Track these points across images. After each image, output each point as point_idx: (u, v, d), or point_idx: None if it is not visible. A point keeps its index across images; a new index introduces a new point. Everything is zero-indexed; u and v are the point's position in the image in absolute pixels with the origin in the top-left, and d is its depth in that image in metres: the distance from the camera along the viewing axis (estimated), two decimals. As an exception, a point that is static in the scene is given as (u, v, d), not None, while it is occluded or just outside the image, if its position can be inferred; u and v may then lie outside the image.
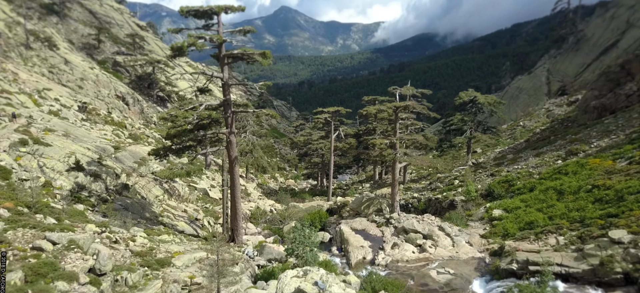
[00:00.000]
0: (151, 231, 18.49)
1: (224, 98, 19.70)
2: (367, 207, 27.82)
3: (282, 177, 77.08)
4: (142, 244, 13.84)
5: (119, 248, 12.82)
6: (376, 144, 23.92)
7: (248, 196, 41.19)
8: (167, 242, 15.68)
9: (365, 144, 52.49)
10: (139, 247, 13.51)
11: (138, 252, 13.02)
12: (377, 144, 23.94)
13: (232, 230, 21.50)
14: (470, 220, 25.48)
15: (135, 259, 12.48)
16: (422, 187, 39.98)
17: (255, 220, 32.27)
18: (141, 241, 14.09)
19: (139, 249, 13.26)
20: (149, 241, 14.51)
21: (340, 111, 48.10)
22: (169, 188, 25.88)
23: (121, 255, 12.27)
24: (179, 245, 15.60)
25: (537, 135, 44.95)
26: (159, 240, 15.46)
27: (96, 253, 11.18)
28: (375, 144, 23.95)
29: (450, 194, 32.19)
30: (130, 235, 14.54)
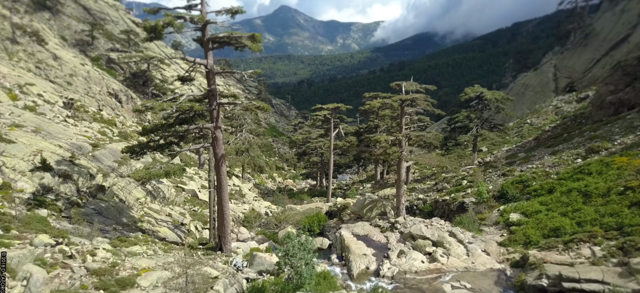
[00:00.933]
0: (124, 240, 16.14)
1: (209, 88, 17.35)
2: (369, 210, 25.49)
3: (281, 177, 74.80)
4: (103, 259, 11.53)
5: (72, 265, 10.52)
6: (380, 141, 21.58)
7: (242, 197, 38.85)
8: (137, 254, 13.35)
9: (367, 141, 50.19)
10: (98, 263, 11.20)
11: (96, 269, 10.71)
12: (381, 141, 21.61)
13: (219, 236, 19.14)
14: (483, 225, 23.12)
15: (90, 279, 10.17)
16: (427, 188, 37.65)
17: (249, 223, 29.93)
18: (103, 255, 11.77)
19: (97, 266, 10.95)
20: (112, 254, 12.20)
21: (340, 108, 45.77)
22: (152, 189, 23.56)
23: (70, 275, 9.95)
24: (151, 258, 13.28)
25: (548, 133, 42.59)
26: (127, 253, 13.14)
27: (28, 277, 8.87)
28: (379, 141, 21.61)
29: (459, 196, 29.84)
30: (91, 248, 12.22)
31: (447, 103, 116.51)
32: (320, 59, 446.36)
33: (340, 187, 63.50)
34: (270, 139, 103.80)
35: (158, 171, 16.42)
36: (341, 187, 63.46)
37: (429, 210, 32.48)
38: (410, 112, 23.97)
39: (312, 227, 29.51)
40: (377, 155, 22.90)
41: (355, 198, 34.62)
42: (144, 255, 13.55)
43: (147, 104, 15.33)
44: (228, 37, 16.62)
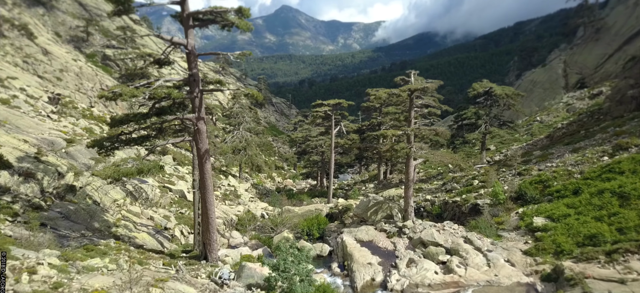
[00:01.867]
0: (91, 249, 13.76)
1: (190, 72, 14.99)
2: (374, 213, 23.05)
3: (280, 176, 72.40)
4: (44, 278, 9.17)
5: (-1, 287, 8.18)
6: (387, 136, 19.17)
7: (238, 198, 36.46)
8: (94, 269, 10.95)
9: (370, 138, 47.73)
10: (36, 284, 8.84)
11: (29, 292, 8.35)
12: (388, 136, 19.19)
13: (203, 244, 16.74)
14: (501, 230, 20.66)
15: (18, 307, 7.85)
16: (434, 188, 35.18)
17: (243, 227, 27.52)
18: (46, 272, 9.40)
19: (33, 288, 8.58)
20: (59, 271, 9.81)
21: (342, 104, 43.31)
22: (133, 190, 21.20)
23: (-13, 303, 7.63)
24: (110, 274, 10.88)
25: (562, 130, 40.12)
26: (81, 268, 10.74)
27: None
28: (386, 136, 19.20)
29: (471, 197, 27.38)
30: (34, 263, 9.86)
31: (450, 101, 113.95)
32: (322, 59, 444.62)
33: (342, 187, 61.11)
34: (270, 138, 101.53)
35: (129, 169, 14.03)
36: (342, 187, 61.08)
37: (437, 212, 30.04)
38: (420, 104, 21.53)
39: (311, 230, 27.11)
40: (383, 152, 20.53)
41: (357, 200, 32.20)
42: (103, 270, 11.15)
43: (115, 90, 12.95)
44: (211, 13, 14.24)
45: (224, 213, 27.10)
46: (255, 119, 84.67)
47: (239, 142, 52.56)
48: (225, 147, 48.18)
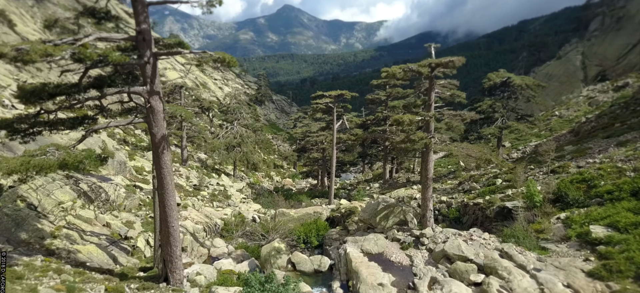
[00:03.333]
0: None
1: (137, 28, 11.00)
2: (384, 218, 18.94)
3: (279, 175, 68.31)
4: None
5: None
6: (403, 122, 15.05)
7: (227, 199, 32.42)
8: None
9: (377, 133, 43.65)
10: None
11: None
12: (404, 122, 15.07)
13: (163, 261, 12.69)
14: (544, 241, 16.53)
15: None
16: (449, 188, 31.06)
17: (229, 233, 23.46)
18: None
19: None
20: None
21: (345, 95, 39.19)
22: (89, 189, 17.20)
23: None
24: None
25: (591, 124, 35.96)
26: None
27: None
28: (402, 122, 15.08)
29: (496, 198, 23.23)
30: None
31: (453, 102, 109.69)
32: (324, 58, 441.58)
33: (344, 187, 57.07)
34: (270, 135, 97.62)
35: (47, 160, 10.00)
36: (345, 187, 57.04)
37: (455, 216, 25.92)
38: (443, 83, 17.40)
39: (308, 238, 23.01)
40: (396, 143, 16.40)
41: (362, 202, 28.10)
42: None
43: (22, 47, 8.99)
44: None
45: (207, 217, 23.06)
46: (255, 116, 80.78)
47: (233, 138, 48.55)
48: (216, 143, 44.17)
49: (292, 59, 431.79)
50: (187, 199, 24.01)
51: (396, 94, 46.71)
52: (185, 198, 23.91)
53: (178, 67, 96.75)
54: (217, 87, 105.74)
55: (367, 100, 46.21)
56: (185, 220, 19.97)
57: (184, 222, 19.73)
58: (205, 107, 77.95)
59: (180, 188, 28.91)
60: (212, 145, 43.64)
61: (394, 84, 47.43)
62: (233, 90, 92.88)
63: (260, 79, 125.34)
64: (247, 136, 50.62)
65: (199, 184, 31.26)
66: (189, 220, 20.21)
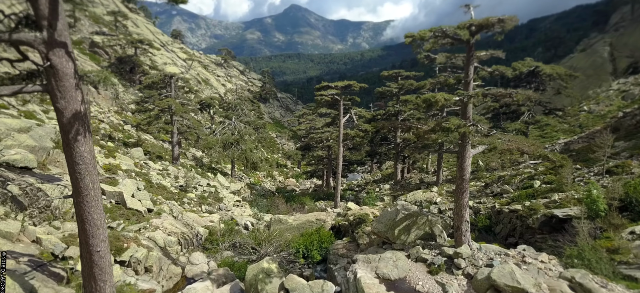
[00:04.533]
0: None
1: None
2: (405, 230, 14.76)
3: (282, 175, 64.38)
4: None
5: None
6: (437, 102, 10.87)
7: (218, 202, 28.37)
8: None
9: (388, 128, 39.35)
10: None
11: None
12: (439, 102, 10.88)
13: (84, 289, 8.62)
14: (625, 266, 12.26)
15: None
16: (475, 191, 26.73)
17: (214, 245, 19.40)
18: None
19: None
20: None
21: (353, 86, 35.06)
22: (21, 193, 13.25)
23: None
24: None
25: (636, 118, 31.43)
26: None
27: None
28: (435, 103, 10.90)
29: (538, 204, 18.96)
30: None
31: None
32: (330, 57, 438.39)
33: (351, 188, 52.92)
34: (274, 134, 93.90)
35: None
36: (352, 188, 52.89)
37: (485, 224, 21.70)
38: (484, 56, 13.20)
39: (309, 251, 18.88)
40: (422, 133, 12.21)
41: (374, 207, 23.91)
42: None
43: None
44: None
45: (187, 225, 19.01)
46: (258, 113, 76.89)
47: (230, 134, 44.59)
48: (211, 140, 40.20)
49: (298, 59, 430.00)
50: (163, 204, 19.98)
51: (409, 86, 42.47)
52: (161, 204, 19.87)
53: (179, 63, 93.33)
54: (219, 84, 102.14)
55: (377, 93, 41.99)
56: (155, 231, 15.94)
57: (152, 234, 15.70)
58: (206, 104, 74.23)
59: (163, 189, 24.93)
60: (207, 141, 39.70)
61: (406, 76, 43.22)
62: (235, 86, 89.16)
63: (265, 75, 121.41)
64: (246, 133, 46.65)
65: (186, 185, 27.29)
66: (159, 230, 16.18)
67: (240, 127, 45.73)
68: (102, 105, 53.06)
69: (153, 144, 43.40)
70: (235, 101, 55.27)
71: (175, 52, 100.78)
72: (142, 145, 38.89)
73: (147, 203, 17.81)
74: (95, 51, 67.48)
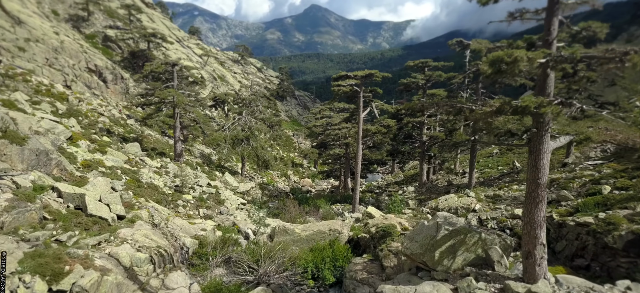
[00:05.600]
0: None
1: None
2: (449, 253, 10.69)
3: (297, 175, 60.71)
4: None
5: None
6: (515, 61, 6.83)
7: (219, 205, 24.74)
8: None
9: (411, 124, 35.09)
10: None
11: None
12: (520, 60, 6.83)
13: None
14: None
15: None
16: (514, 196, 22.24)
17: (202, 260, 15.65)
18: None
19: None
20: None
21: (374, 76, 31.06)
22: None
23: None
24: None
25: None
26: None
27: None
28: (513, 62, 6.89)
29: (620, 218, 14.55)
30: None
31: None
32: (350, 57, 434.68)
33: (371, 190, 48.81)
34: (291, 132, 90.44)
35: None
36: (371, 190, 48.78)
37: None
38: (574, 4, 9.05)
39: (320, 271, 14.97)
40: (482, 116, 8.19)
41: (401, 216, 19.79)
42: None
43: None
44: None
45: (169, 236, 15.35)
46: (274, 110, 73.47)
47: (240, 130, 41.10)
48: (217, 135, 36.68)
49: (318, 59, 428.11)
50: (143, 208, 16.34)
51: (436, 78, 38.15)
52: (139, 208, 16.22)
53: (195, 59, 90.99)
54: (236, 81, 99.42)
55: (401, 84, 37.78)
56: (120, 246, 12.30)
57: (115, 249, 12.06)
58: (221, 100, 71.05)
59: (154, 190, 21.43)
60: (212, 137, 36.23)
61: (434, 67, 38.87)
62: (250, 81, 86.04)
63: (282, 72, 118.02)
64: (257, 129, 43.09)
65: (182, 185, 23.74)
66: (127, 244, 12.53)
67: (251, 122, 42.19)
68: (110, 99, 50.48)
69: (157, 140, 40.32)
70: (249, 97, 51.98)
71: (191, 48, 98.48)
72: (143, 140, 35.79)
73: (118, 208, 14.19)
74: (108, 45, 65.44)
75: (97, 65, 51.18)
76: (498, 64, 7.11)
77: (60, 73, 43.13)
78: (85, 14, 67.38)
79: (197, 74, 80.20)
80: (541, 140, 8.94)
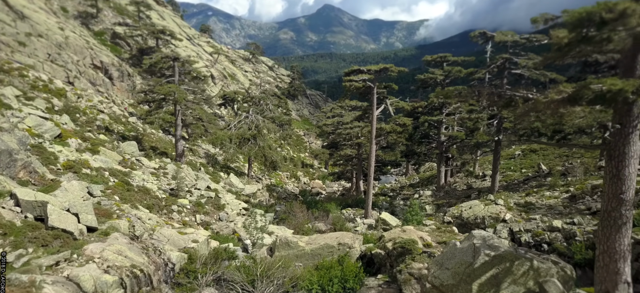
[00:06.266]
0: None
1: None
2: (490, 285, 8.28)
3: (307, 176, 58.45)
4: None
5: None
6: (627, 13, 4.46)
7: (219, 210, 22.56)
8: None
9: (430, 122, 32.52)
10: None
11: None
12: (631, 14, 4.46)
13: None
14: None
15: None
16: (559, 205, 19.54)
17: (190, 278, 13.43)
18: None
19: None
20: None
21: (390, 70, 28.57)
22: None
23: None
24: None
25: None
26: None
27: None
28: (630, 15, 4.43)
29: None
30: None
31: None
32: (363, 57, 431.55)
33: (384, 193, 46.29)
34: (302, 132, 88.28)
35: None
36: (385, 193, 46.25)
37: (585, 257, 14.77)
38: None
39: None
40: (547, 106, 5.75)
41: (421, 228, 17.28)
42: None
43: None
44: None
45: (150, 251, 13.16)
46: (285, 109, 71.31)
47: (247, 129, 38.98)
48: (219, 134, 34.57)
49: (330, 58, 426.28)
50: (122, 217, 14.17)
51: (456, 74, 35.51)
52: (118, 217, 14.06)
53: (205, 57, 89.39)
54: (246, 80, 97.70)
55: (418, 80, 35.23)
56: (83, 266, 10.12)
57: (76, 271, 9.89)
58: (230, 98, 69.15)
59: (145, 194, 19.33)
60: (216, 136, 34.14)
61: (453, 62, 36.21)
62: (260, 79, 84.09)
63: (293, 71, 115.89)
64: (265, 127, 40.93)
65: (177, 189, 21.61)
66: (93, 263, 10.34)
67: (258, 121, 40.03)
68: (115, 96, 48.92)
69: (160, 139, 38.46)
70: (259, 95, 49.90)
71: (202, 46, 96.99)
72: (143, 139, 33.93)
73: (88, 218, 12.02)
74: (117, 42, 64.15)
75: (103, 62, 49.67)
76: (584, 25, 4.69)
77: (63, 69, 41.59)
78: (94, 11, 66.22)
79: (206, 72, 78.53)
80: (627, 140, 6.46)
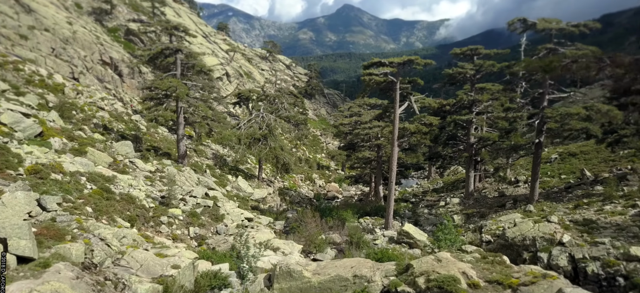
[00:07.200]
0: None
1: None
2: None
3: (323, 178, 55.32)
4: None
5: None
6: None
7: (217, 221, 19.58)
8: None
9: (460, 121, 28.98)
10: None
11: None
12: None
13: None
14: None
15: None
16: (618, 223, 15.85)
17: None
18: None
19: None
20: None
21: (415, 63, 25.07)
22: None
23: None
24: None
25: None
26: None
27: None
28: None
29: None
30: None
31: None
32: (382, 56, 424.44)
33: (405, 198, 42.80)
34: (318, 132, 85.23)
35: None
36: (406, 198, 42.76)
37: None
38: None
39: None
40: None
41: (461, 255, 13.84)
42: None
43: None
44: None
45: (118, 282, 10.19)
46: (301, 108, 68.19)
47: (257, 128, 36.06)
48: (226, 134, 31.70)
49: (349, 58, 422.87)
50: (78, 239, 11.17)
51: (488, 68, 31.78)
52: (74, 239, 11.05)
53: (221, 55, 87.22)
54: (263, 78, 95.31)
55: (446, 75, 31.65)
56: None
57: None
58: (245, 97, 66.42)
59: (129, 203, 16.47)
60: (222, 135, 31.30)
61: (485, 55, 32.47)
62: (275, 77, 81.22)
63: (311, 69, 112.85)
64: (277, 127, 37.96)
65: (168, 197, 18.70)
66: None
67: (269, 120, 37.06)
68: (123, 93, 46.88)
69: (163, 138, 35.95)
70: (274, 93, 47.02)
71: (218, 44, 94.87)
72: (143, 138, 31.38)
73: (21, 245, 9.04)
74: (131, 39, 62.38)
75: (113, 57, 47.67)
76: None
77: (68, 64, 39.58)
78: (109, 6, 64.62)
79: (222, 70, 76.17)
80: None
